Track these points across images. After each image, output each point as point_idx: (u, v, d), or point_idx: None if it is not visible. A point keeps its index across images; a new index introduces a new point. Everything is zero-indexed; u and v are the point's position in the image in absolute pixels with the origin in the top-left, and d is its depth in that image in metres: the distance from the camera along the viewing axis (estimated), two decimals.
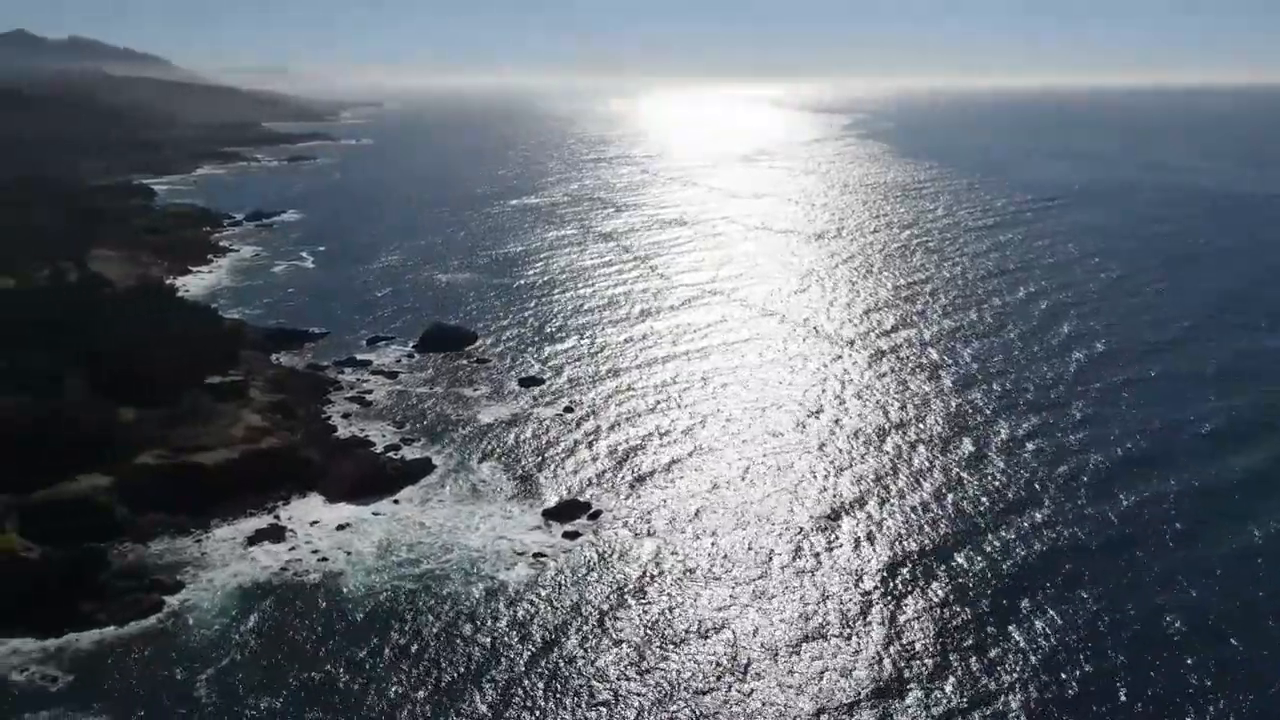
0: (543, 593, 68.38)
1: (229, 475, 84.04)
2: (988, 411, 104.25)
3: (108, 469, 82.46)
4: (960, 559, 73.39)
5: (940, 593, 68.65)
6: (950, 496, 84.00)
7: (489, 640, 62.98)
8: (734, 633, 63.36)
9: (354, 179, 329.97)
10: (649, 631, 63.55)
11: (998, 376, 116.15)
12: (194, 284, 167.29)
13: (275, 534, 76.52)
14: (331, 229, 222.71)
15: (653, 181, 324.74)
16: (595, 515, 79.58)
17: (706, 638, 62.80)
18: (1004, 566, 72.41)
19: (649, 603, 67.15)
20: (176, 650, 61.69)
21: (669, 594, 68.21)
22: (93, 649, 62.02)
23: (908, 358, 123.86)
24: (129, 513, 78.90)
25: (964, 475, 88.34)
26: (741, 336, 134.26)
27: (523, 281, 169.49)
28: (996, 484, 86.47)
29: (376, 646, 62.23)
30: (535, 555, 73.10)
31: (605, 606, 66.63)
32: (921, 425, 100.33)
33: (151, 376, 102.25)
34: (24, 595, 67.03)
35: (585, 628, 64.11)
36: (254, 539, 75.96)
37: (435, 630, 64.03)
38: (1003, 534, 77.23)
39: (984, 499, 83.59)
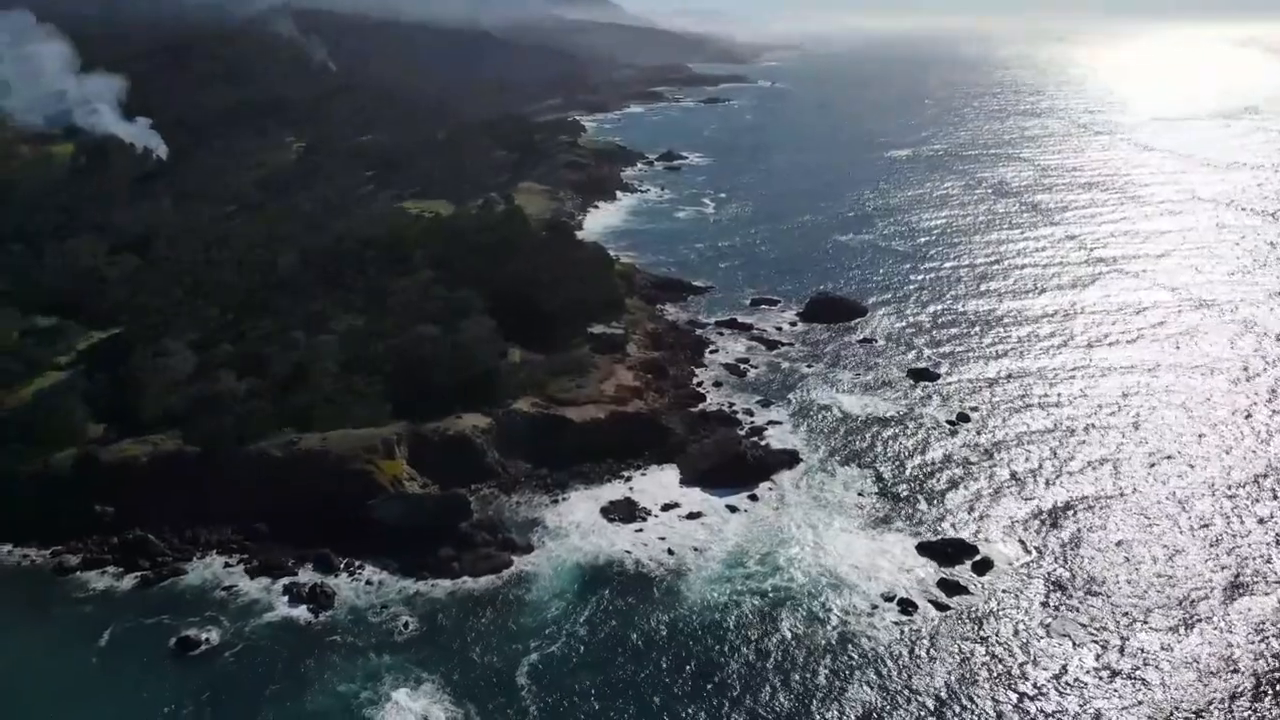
0: (902, 658, 57.27)
1: (593, 435, 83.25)
2: None
3: (487, 410, 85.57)
4: None
5: None
6: None
7: (826, 705, 54.18)
8: None
9: (764, 123, 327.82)
10: None
11: None
12: (600, 222, 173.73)
13: (627, 510, 73.92)
14: (734, 175, 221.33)
15: (1090, 139, 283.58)
16: (983, 566, 65.82)
17: None
18: None
19: (1038, 710, 53.72)
20: (511, 623, 60.96)
21: (1064, 699, 54.40)
22: (443, 599, 63.38)
23: None
24: (499, 458, 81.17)
25: None
26: (1171, 332, 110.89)
27: (921, 247, 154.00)
28: None
29: (702, 672, 56.42)
30: (902, 605, 61.95)
31: (977, 704, 54.18)
32: None
33: (544, 319, 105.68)
34: (400, 527, 71.10)
35: None
36: (607, 510, 74.01)
37: (770, 672, 56.25)
38: None
39: None
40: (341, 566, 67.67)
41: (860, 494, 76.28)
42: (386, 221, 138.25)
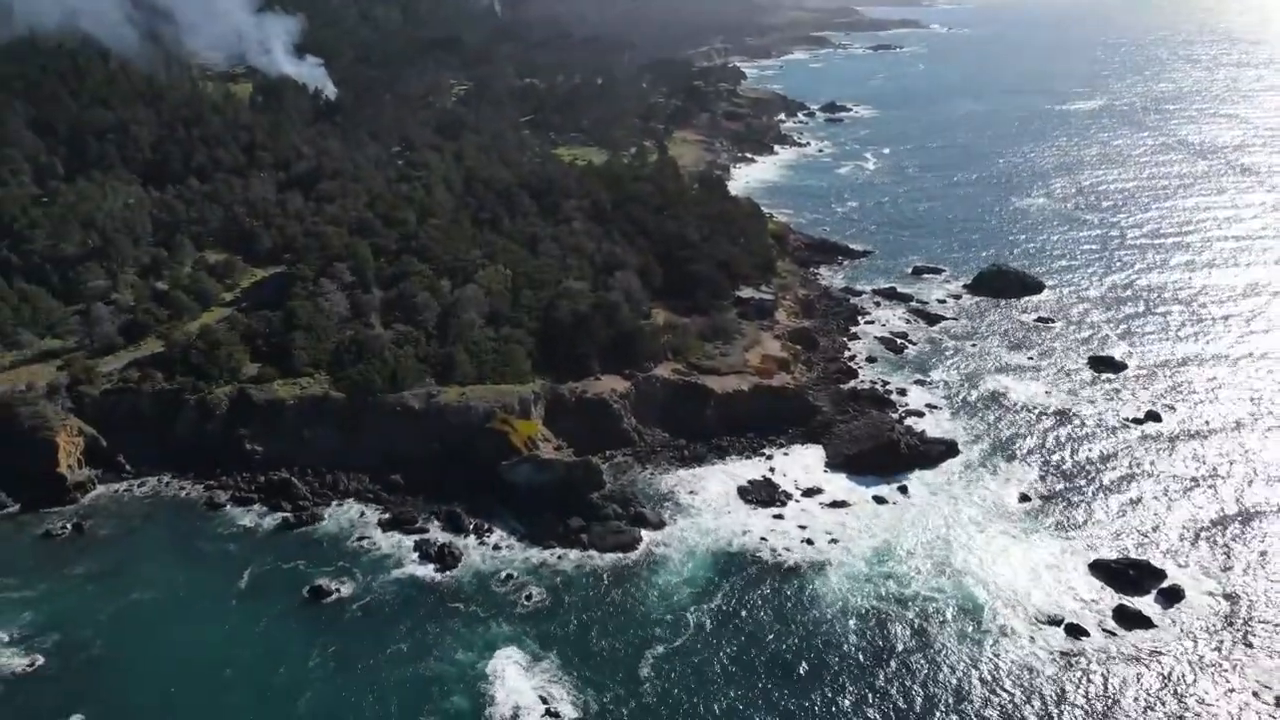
0: (1063, 696, 50.72)
1: (735, 408, 79.10)
2: None
3: (627, 373, 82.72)
4: None
5: None
6: None
7: None
8: None
9: (937, 72, 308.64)
10: None
11: None
12: (754, 175, 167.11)
13: (766, 492, 69.80)
14: (901, 129, 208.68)
15: None
16: (1172, 595, 57.80)
17: None
18: None
19: None
20: (636, 607, 58.35)
21: None
22: (568, 573, 61.45)
23: None
24: (635, 424, 78.28)
25: None
26: None
27: (1109, 214, 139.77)
28: None
29: (829, 682, 52.30)
30: (1068, 631, 55.15)
31: None
32: None
33: (690, 278, 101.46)
34: (531, 491, 69.67)
35: None
36: (745, 490, 70.11)
37: (902, 692, 51.33)
38: None
39: None
40: (470, 528, 66.88)
41: (1025, 497, 69.02)
42: (541, 167, 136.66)
